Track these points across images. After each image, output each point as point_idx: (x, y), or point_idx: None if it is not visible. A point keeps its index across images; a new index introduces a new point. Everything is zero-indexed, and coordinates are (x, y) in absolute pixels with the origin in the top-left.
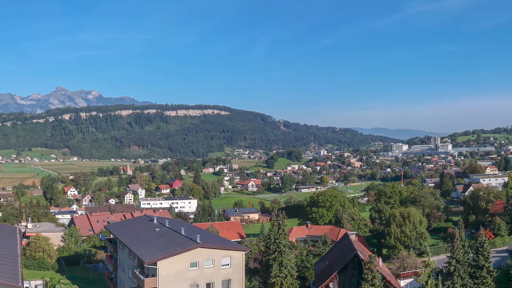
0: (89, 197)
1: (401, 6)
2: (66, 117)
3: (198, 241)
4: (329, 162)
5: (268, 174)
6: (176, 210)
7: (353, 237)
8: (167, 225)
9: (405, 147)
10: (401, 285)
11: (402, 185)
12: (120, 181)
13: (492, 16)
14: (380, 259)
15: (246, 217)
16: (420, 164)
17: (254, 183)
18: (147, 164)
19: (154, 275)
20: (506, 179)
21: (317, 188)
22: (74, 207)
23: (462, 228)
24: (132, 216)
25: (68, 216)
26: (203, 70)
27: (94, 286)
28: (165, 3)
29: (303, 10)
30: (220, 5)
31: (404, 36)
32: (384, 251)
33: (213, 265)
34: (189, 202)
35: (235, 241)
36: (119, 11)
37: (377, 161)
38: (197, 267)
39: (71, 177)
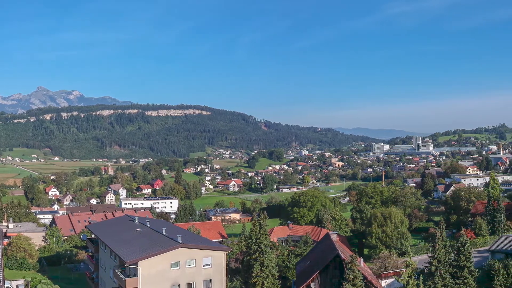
0: (71, 197)
1: (382, 6)
2: (48, 117)
3: (180, 241)
4: (310, 162)
5: (250, 174)
6: (158, 210)
7: (334, 237)
8: (148, 225)
9: (386, 147)
10: (383, 285)
11: (383, 185)
12: (101, 181)
13: (473, 16)
14: (362, 259)
15: (228, 217)
16: (402, 164)
17: (235, 183)
18: (128, 164)
19: (135, 275)
20: (487, 179)
21: (298, 188)
22: (56, 207)
23: (443, 228)
24: (114, 216)
25: (50, 216)
26: (184, 70)
27: (75, 286)
28: (146, 3)
29: (284, 10)
30: (200, 5)
31: (385, 36)
32: (366, 251)
33: (194, 265)
34: (170, 202)
35: (216, 241)
36: (100, 11)
37: (359, 161)
38: (178, 267)
39: (52, 177)
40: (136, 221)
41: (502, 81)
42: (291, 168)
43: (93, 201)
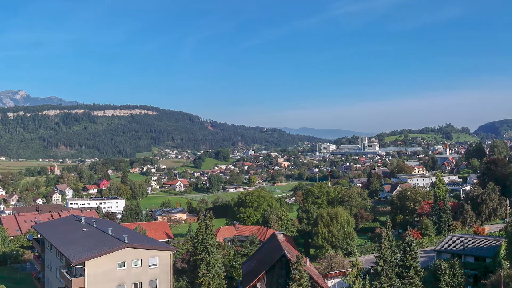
0: (17, 197)
1: (328, 6)
2: None
3: (126, 241)
4: (256, 162)
5: (196, 174)
6: (104, 210)
7: (280, 237)
8: (94, 225)
9: (332, 147)
10: (329, 285)
11: (329, 185)
12: (47, 181)
13: (418, 16)
14: (308, 259)
15: (174, 217)
16: (348, 164)
17: (181, 183)
18: (74, 164)
19: (81, 275)
20: (433, 179)
21: (244, 188)
22: (2, 207)
23: (389, 228)
24: (60, 216)
25: None
26: (130, 70)
27: (21, 286)
28: (91, 2)
29: (229, 10)
30: (146, 5)
31: (332, 36)
32: (312, 251)
33: (140, 265)
34: (117, 202)
35: (162, 241)
36: (45, 11)
37: (305, 161)
38: (124, 267)
39: None
40: (83, 221)
41: (448, 81)
42: (238, 168)
43: (39, 201)
